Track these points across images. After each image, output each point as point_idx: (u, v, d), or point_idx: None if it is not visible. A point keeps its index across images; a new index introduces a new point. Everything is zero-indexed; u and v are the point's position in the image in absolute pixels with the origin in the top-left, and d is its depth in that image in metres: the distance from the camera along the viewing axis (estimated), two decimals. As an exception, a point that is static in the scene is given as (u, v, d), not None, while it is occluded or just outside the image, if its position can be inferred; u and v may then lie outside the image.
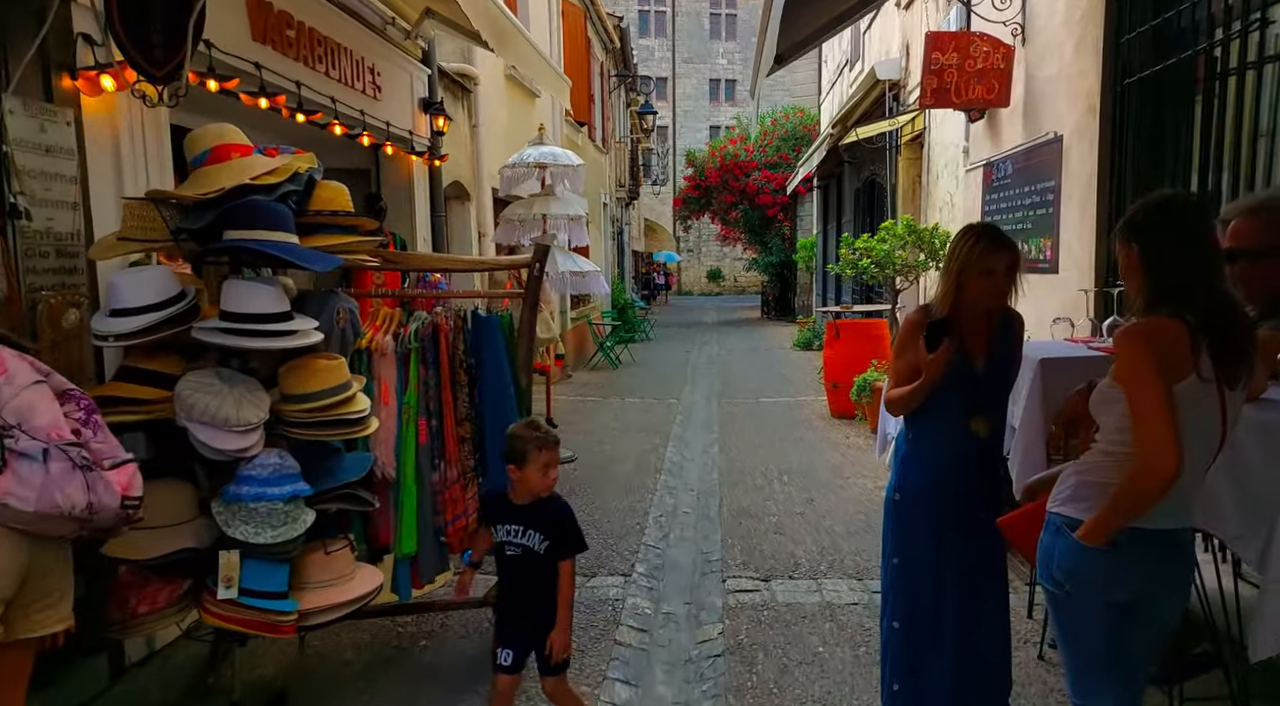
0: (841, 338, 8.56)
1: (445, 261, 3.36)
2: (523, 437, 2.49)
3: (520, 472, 2.49)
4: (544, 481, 2.51)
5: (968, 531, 2.55)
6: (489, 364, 3.41)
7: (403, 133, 5.95)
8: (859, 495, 5.78)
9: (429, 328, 3.33)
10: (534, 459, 2.47)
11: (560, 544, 2.56)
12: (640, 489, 6.10)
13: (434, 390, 3.33)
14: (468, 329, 3.38)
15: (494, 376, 3.40)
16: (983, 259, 2.45)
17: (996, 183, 6.48)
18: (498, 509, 2.59)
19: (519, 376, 3.49)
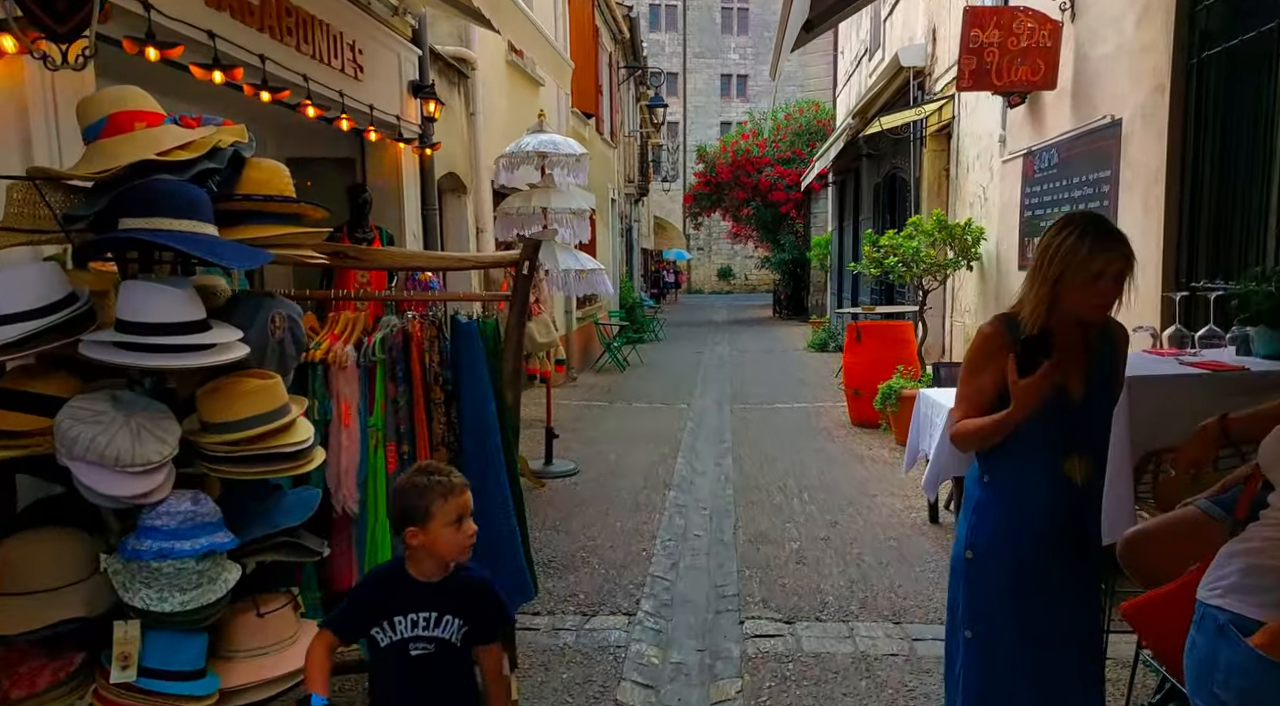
0: (863, 341, 8.02)
1: (419, 258, 2.86)
2: (420, 487, 1.92)
3: (424, 534, 1.90)
4: (460, 540, 1.93)
5: (1060, 601, 2.02)
6: (469, 378, 2.89)
7: (389, 118, 5.44)
8: (888, 517, 5.24)
9: (398, 336, 2.81)
10: (440, 511, 1.89)
11: (482, 626, 1.98)
12: (647, 507, 5.58)
13: (405, 410, 2.81)
14: (443, 337, 2.86)
15: (475, 392, 2.88)
16: (1089, 260, 1.91)
17: (1039, 174, 5.92)
18: (393, 595, 1.94)
19: (504, 391, 2.97)
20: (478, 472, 2.83)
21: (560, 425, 8.25)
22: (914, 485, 5.82)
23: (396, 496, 1.99)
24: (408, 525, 1.92)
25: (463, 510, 1.94)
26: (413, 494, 1.92)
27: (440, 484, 1.93)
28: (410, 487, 1.94)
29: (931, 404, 4.77)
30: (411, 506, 1.91)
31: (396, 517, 1.98)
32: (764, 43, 40.30)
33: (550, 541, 4.86)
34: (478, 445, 2.86)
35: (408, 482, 1.96)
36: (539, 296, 5.75)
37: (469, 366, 2.89)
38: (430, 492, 1.91)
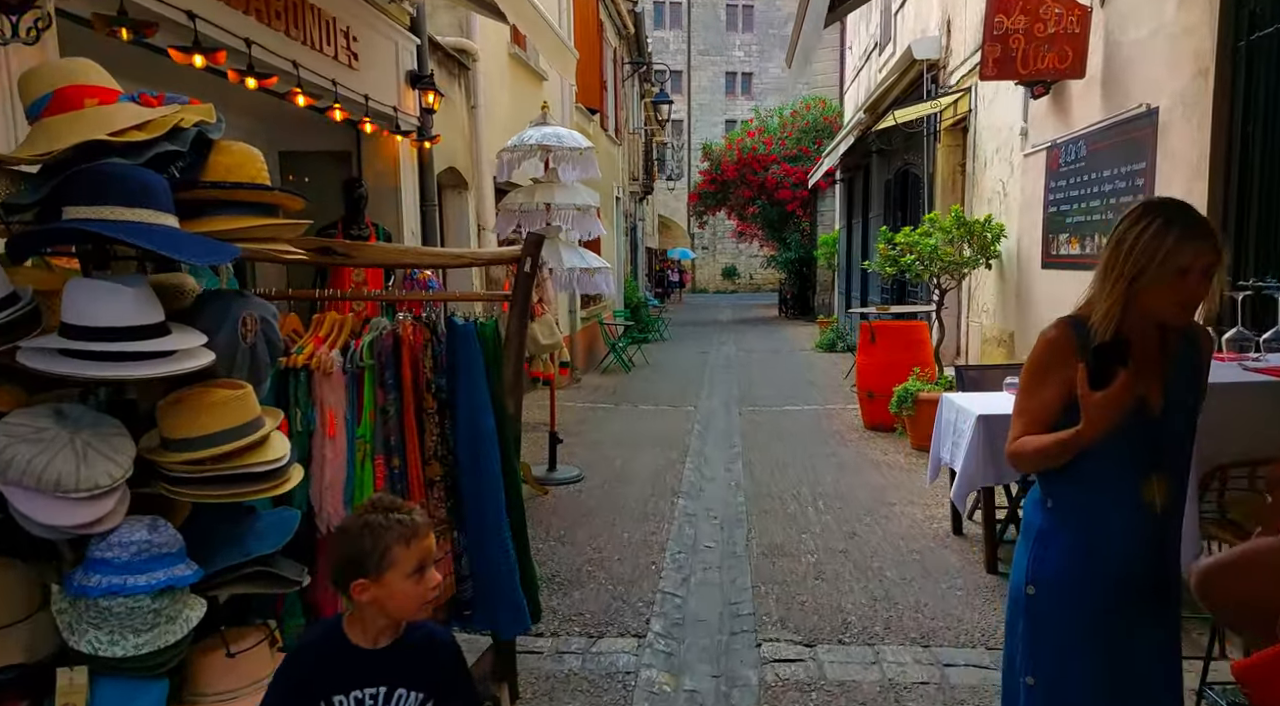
0: (877, 342, 7.76)
1: (412, 255, 2.62)
2: (375, 529, 1.53)
3: (377, 587, 1.52)
4: (421, 593, 1.55)
5: (1137, 646, 1.78)
6: (465, 385, 2.65)
7: (385, 109, 5.20)
8: (909, 528, 4.99)
9: (388, 339, 2.57)
10: (401, 559, 1.52)
11: (448, 696, 1.63)
12: (656, 516, 5.34)
13: (395, 420, 2.57)
14: (438, 341, 2.62)
15: (471, 400, 2.64)
16: (1175, 253, 1.66)
17: (1064, 167, 5.66)
18: (328, 671, 1.58)
19: (504, 400, 2.73)
20: (472, 489, 2.60)
21: (564, 428, 8.01)
22: (933, 493, 5.58)
23: (340, 540, 1.60)
24: (355, 577, 1.53)
25: (426, 556, 1.57)
26: (365, 537, 1.53)
27: (401, 524, 1.54)
28: (361, 529, 1.54)
29: (956, 409, 4.52)
30: (362, 552, 1.52)
31: (340, 567, 1.56)
32: (769, 40, 40.03)
33: (554, 554, 4.62)
34: (473, 458, 2.62)
35: (358, 523, 1.56)
36: (542, 296, 5.51)
37: (465, 372, 2.65)
38: (388, 535, 1.52)
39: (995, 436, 4.13)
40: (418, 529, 1.57)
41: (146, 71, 3.44)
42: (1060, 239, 5.73)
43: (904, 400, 6.82)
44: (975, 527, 4.89)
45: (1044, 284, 6.08)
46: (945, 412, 4.73)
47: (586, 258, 6.17)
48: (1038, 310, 6.19)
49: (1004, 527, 4.28)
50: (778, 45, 40.14)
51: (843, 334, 14.95)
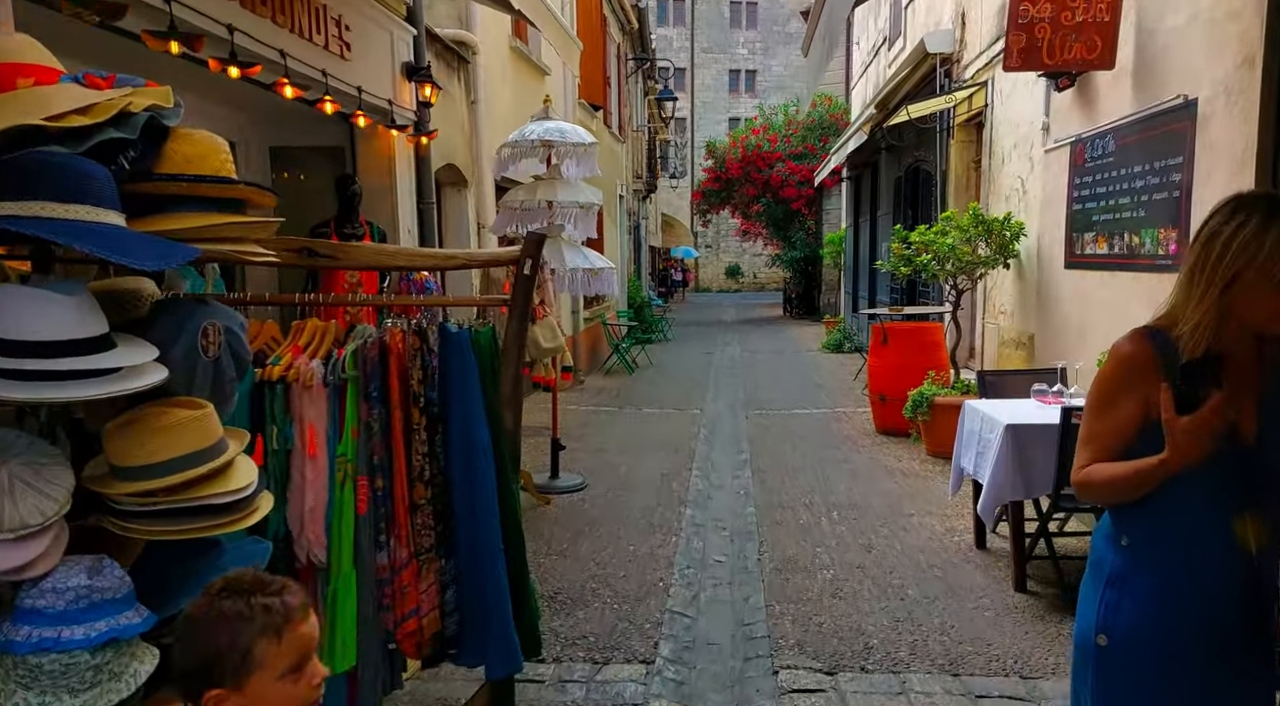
0: (890, 343, 7.53)
1: (402, 255, 2.39)
2: (231, 620, 1.20)
3: (237, 698, 1.20)
4: (303, 696, 1.25)
5: (1225, 701, 1.54)
6: (458, 397, 2.42)
7: (380, 102, 4.98)
8: (928, 541, 4.75)
9: (374, 349, 2.34)
10: (268, 657, 1.20)
11: None
12: (662, 527, 5.11)
13: (380, 437, 2.34)
14: (428, 349, 2.39)
15: (465, 414, 2.41)
16: (1276, 255, 1.42)
17: (1090, 163, 5.41)
18: None
19: (501, 413, 2.50)
20: (465, 513, 2.37)
21: (567, 432, 7.78)
22: (952, 503, 5.34)
23: (186, 636, 1.25)
24: (207, 686, 1.19)
25: (305, 648, 1.25)
26: (219, 632, 1.20)
27: (268, 612, 1.21)
28: (214, 622, 1.21)
29: (980, 418, 4.28)
30: (216, 653, 1.19)
31: (187, 672, 1.23)
32: (773, 37, 39.77)
33: (556, 569, 4.39)
34: (466, 478, 2.39)
35: (209, 613, 1.22)
36: (544, 298, 5.28)
37: (458, 384, 2.42)
38: (250, 628, 1.20)
39: (1024, 447, 3.90)
40: (291, 614, 1.23)
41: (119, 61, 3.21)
42: (1086, 238, 5.48)
43: (919, 404, 6.58)
44: (1000, 541, 4.65)
45: (1067, 284, 5.83)
46: (968, 421, 4.49)
47: (590, 257, 5.94)
48: (1061, 312, 5.95)
49: (1033, 543, 4.04)
50: (781, 43, 39.90)
51: (850, 334, 14.71)
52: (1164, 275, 4.50)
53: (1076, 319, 5.72)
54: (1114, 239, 5.11)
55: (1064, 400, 4.31)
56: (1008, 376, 4.98)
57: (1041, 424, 3.90)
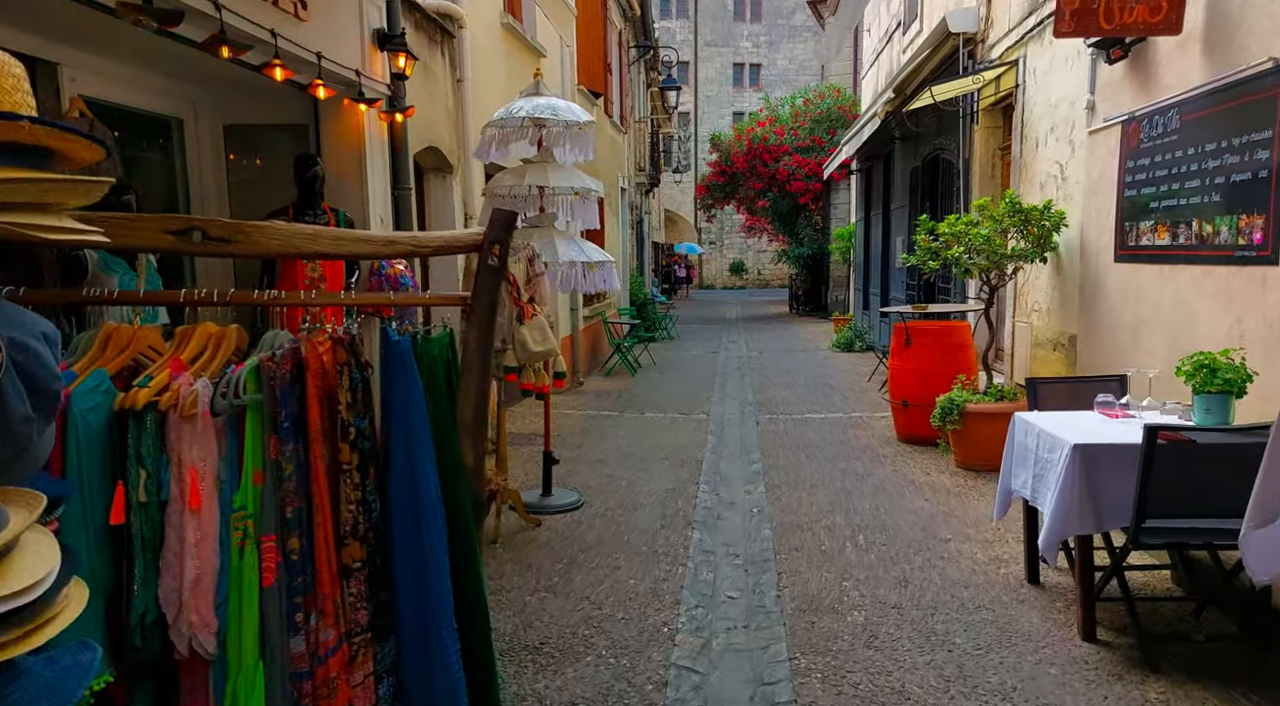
0: (913, 345, 6.93)
1: (324, 239, 1.80)
2: None
3: None
4: None
5: None
6: (400, 427, 1.83)
7: (346, 72, 4.38)
8: (971, 573, 4.15)
9: (286, 363, 1.75)
10: None
11: None
12: (667, 555, 4.52)
13: (295, 482, 1.76)
14: (358, 364, 1.79)
15: (409, 450, 1.82)
16: None
17: (1147, 143, 4.81)
18: None
19: (459, 447, 1.90)
20: (409, 579, 1.78)
21: (563, 439, 7.22)
22: (993, 526, 4.75)
23: None
24: None
25: None
26: None
27: None
28: None
29: (1036, 434, 3.68)
30: None
31: None
32: (778, 30, 39.12)
33: (544, 610, 3.80)
34: (412, 533, 1.80)
35: None
36: (535, 295, 4.69)
37: (401, 408, 1.83)
38: None
39: (1095, 471, 3.30)
40: None
41: (37, 20, 2.63)
42: (1142, 227, 4.88)
43: (949, 412, 5.98)
44: (1056, 574, 4.06)
45: (1118, 279, 5.23)
46: (1019, 435, 3.89)
47: (587, 250, 5.35)
48: (1109, 309, 5.34)
49: (1104, 582, 3.45)
50: (786, 36, 39.27)
51: (861, 332, 14.10)
52: (1244, 269, 3.90)
53: (1129, 318, 5.12)
54: (1178, 228, 4.51)
55: (1132, 412, 3.72)
56: (1061, 384, 4.38)
57: (1115, 444, 3.31)
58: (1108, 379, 4.25)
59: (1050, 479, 3.47)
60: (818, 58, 35.04)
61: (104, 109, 3.87)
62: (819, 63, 33.86)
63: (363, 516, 1.78)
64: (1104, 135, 5.41)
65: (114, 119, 3.89)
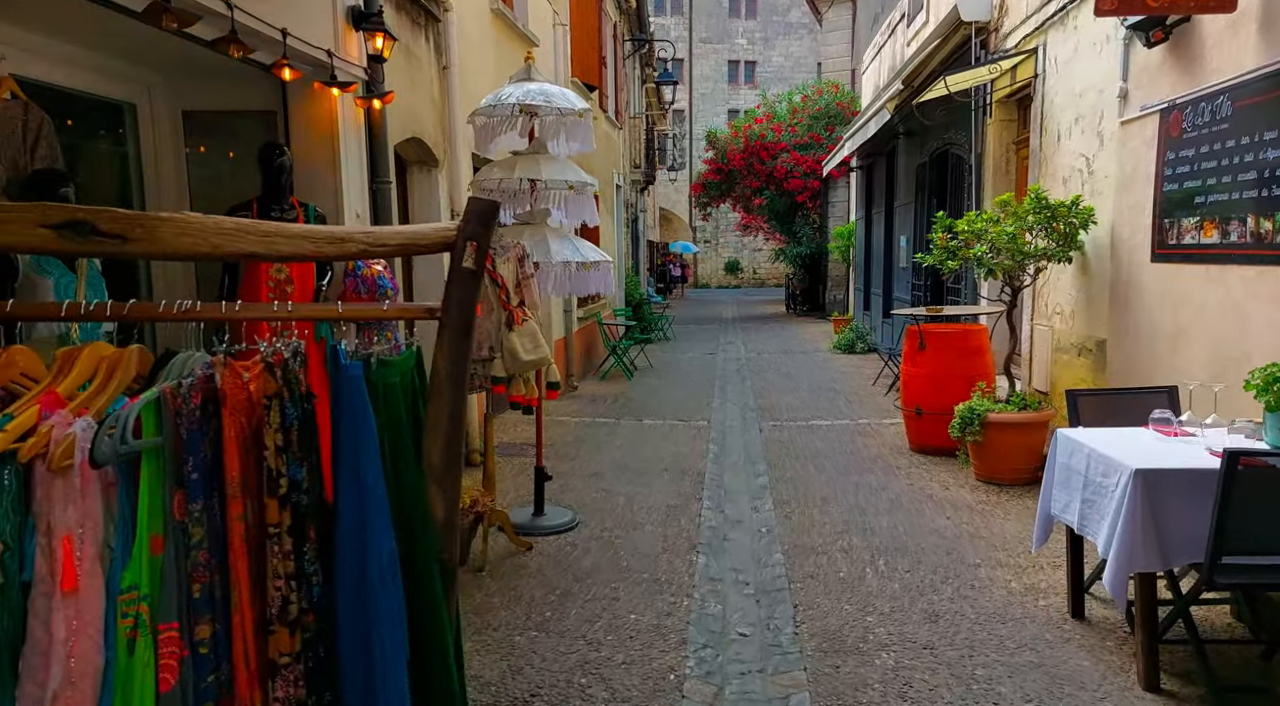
0: (928, 348, 6.54)
1: (250, 236, 1.38)
2: None
3: None
4: None
5: None
6: (350, 475, 1.42)
7: (316, 53, 3.97)
8: (1006, 605, 3.76)
9: (196, 397, 1.34)
10: None
11: None
12: (670, 583, 4.12)
13: (208, 550, 1.35)
14: (296, 396, 1.39)
15: (360, 504, 1.41)
16: None
17: (1191, 133, 4.43)
18: None
19: (426, 500, 1.50)
20: (358, 683, 1.37)
21: (557, 450, 6.82)
22: (1023, 549, 4.38)
23: None
24: None
25: None
26: None
27: None
28: None
29: (1086, 455, 3.29)
30: None
31: None
32: (773, 27, 38.77)
33: (535, 652, 3.39)
34: (361, 618, 1.38)
35: None
36: (526, 298, 4.29)
37: (351, 452, 1.42)
38: None
39: (1160, 500, 2.91)
40: None
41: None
42: (1185, 224, 4.50)
43: (969, 422, 5.59)
44: (1101, 607, 3.68)
45: (1156, 281, 4.85)
46: (1061, 455, 3.51)
47: (582, 249, 4.94)
48: (1145, 312, 4.97)
49: (1168, 624, 3.06)
50: (782, 33, 38.93)
51: (862, 333, 13.73)
52: (1314, 270, 3.52)
53: (1167, 322, 4.74)
54: (1229, 225, 4.13)
55: (1191, 430, 3.34)
56: (1103, 397, 3.99)
57: (1182, 469, 2.92)
58: (1156, 391, 3.86)
59: (1104, 506, 3.09)
60: (814, 55, 34.71)
61: (41, 90, 3.45)
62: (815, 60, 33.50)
63: (297, 594, 1.38)
64: (1139, 125, 5.03)
65: (53, 102, 3.47)
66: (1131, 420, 3.65)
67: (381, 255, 1.56)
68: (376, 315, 1.66)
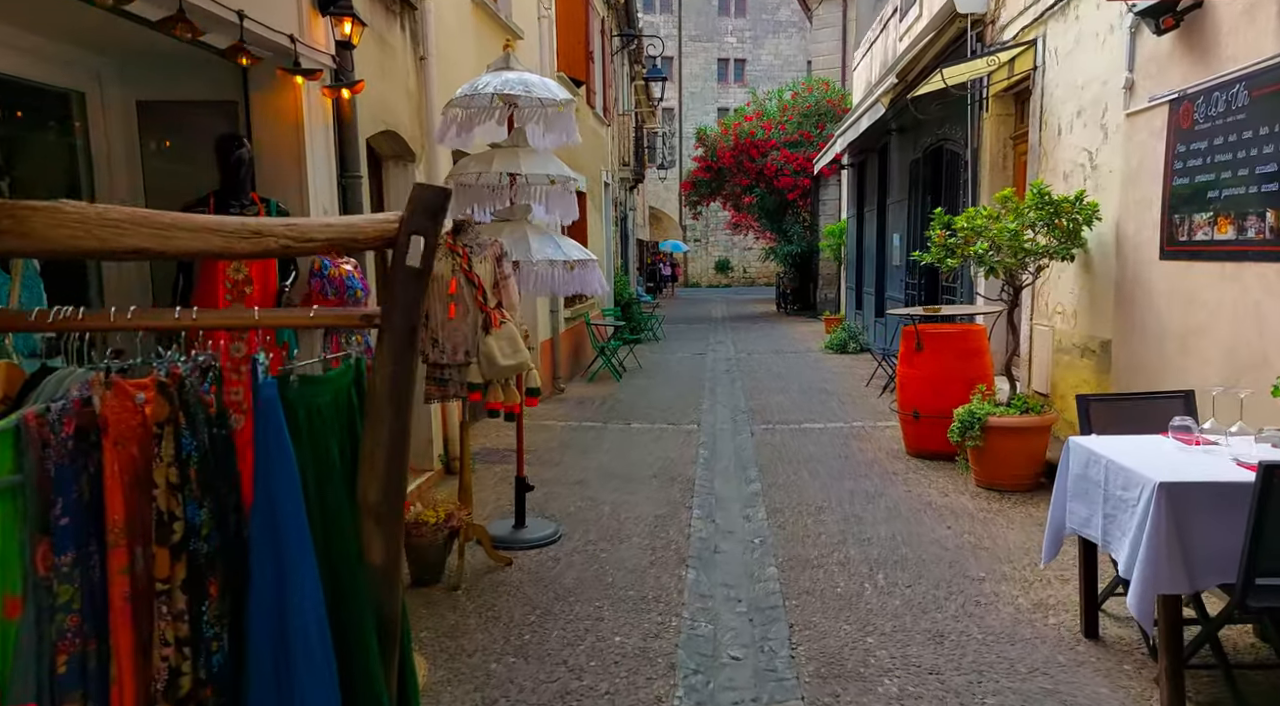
0: (925, 349, 6.33)
1: (141, 229, 1.14)
2: None
3: None
4: None
5: None
6: (264, 517, 1.17)
7: (278, 38, 3.71)
8: (1015, 624, 3.54)
9: (68, 426, 1.09)
10: None
11: None
12: (658, 600, 3.89)
13: (80, 613, 1.09)
14: (196, 421, 1.14)
15: (275, 552, 1.16)
16: None
17: (1204, 124, 4.22)
18: None
19: (359, 538, 1.25)
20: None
21: (541, 456, 6.59)
22: (1029, 561, 4.17)
23: None
24: None
25: None
26: None
27: None
28: None
29: (1105, 466, 3.06)
30: None
31: None
32: (763, 25, 38.60)
33: (513, 680, 3.15)
34: (275, 700, 1.14)
35: None
36: (504, 300, 4.04)
37: (264, 488, 1.17)
38: None
39: (1188, 517, 2.69)
40: None
41: None
42: (1196, 219, 4.29)
43: (969, 426, 5.38)
44: (1115, 626, 3.46)
45: (1164, 279, 4.65)
46: (1076, 465, 3.28)
47: (565, 247, 4.70)
48: (1153, 312, 4.76)
49: (1194, 648, 2.84)
50: (771, 31, 38.75)
51: (855, 333, 13.53)
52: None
53: (1176, 322, 4.54)
54: (1245, 220, 3.92)
55: (1214, 439, 3.12)
56: (1117, 402, 3.78)
57: (1211, 482, 2.70)
58: (1172, 396, 3.65)
59: (1125, 522, 2.87)
60: (803, 53, 34.57)
61: (-26, 76, 3.19)
62: (805, 58, 33.35)
63: (192, 666, 1.13)
64: (1146, 117, 4.82)
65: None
66: (1147, 427, 3.43)
67: (308, 251, 1.31)
68: (300, 323, 1.41)
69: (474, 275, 3.93)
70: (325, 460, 1.27)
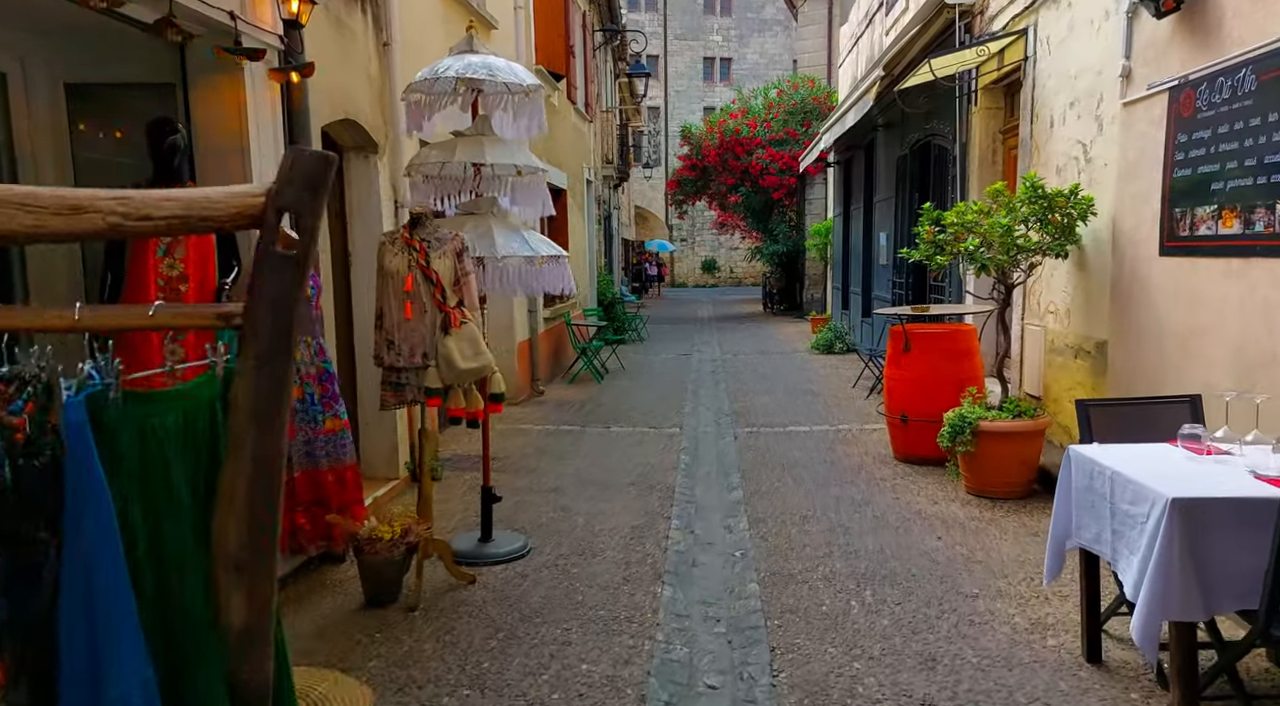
0: (913, 350, 6.09)
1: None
2: None
3: None
4: None
5: None
6: (75, 577, 0.89)
7: (214, 13, 3.41)
8: (1012, 646, 3.30)
9: None
10: None
11: None
12: (631, 620, 3.62)
13: None
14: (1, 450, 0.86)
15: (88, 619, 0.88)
16: None
17: (1206, 112, 3.99)
18: None
19: (211, 601, 0.97)
20: None
21: (515, 462, 6.32)
22: (1025, 575, 3.93)
23: None
24: None
25: None
26: None
27: None
28: None
29: (1110, 479, 2.82)
30: None
31: None
32: (748, 24, 38.43)
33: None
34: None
35: None
36: (465, 298, 3.77)
37: (74, 540, 0.89)
38: None
39: (1202, 538, 2.45)
40: None
41: None
42: (1200, 213, 4.07)
43: (959, 431, 5.14)
44: (1119, 649, 3.22)
45: (1165, 276, 4.42)
46: (1078, 477, 3.04)
47: (533, 243, 4.42)
48: (1152, 311, 4.54)
49: (1210, 678, 2.60)
50: (757, 30, 38.59)
51: (841, 333, 13.31)
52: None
53: (1177, 322, 4.32)
54: (1253, 213, 3.69)
55: (1227, 448, 2.88)
56: (1119, 408, 3.54)
57: (1228, 497, 2.46)
58: (1178, 401, 3.42)
59: (1134, 540, 2.62)
60: (788, 52, 34.42)
61: None
62: (790, 57, 33.19)
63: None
64: (1144, 106, 4.60)
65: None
66: (1151, 434, 3.20)
67: (145, 232, 1.04)
68: (138, 324, 1.14)
69: (431, 272, 3.66)
70: (165, 496, 1.00)
